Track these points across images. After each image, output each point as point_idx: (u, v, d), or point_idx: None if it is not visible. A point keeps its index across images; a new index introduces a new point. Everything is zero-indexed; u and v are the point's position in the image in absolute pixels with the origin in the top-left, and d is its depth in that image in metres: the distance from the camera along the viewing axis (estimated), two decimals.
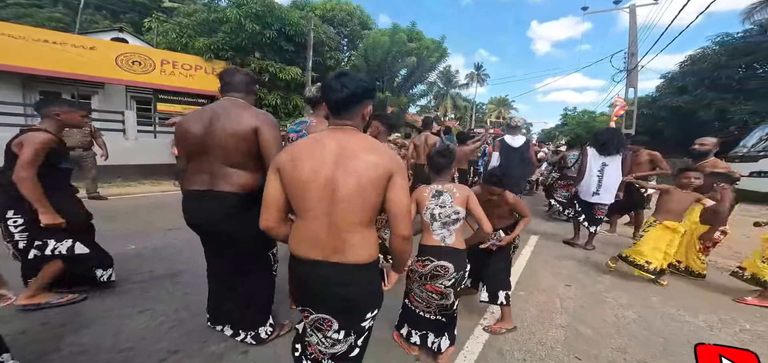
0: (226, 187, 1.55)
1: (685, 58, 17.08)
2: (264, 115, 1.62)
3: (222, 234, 1.62)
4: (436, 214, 1.65)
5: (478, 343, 2.05)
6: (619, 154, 3.79)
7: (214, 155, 1.54)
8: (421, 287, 1.73)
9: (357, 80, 1.04)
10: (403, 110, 16.48)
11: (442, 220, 1.65)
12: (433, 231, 1.66)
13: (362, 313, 1.10)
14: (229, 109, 1.57)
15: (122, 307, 2.11)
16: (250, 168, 1.59)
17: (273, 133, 1.56)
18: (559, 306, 2.62)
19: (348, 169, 0.98)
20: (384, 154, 1.03)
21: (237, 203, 1.57)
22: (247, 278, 1.74)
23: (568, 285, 3.04)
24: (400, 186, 1.02)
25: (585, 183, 3.90)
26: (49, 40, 7.39)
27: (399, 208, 1.02)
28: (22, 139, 1.82)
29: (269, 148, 1.53)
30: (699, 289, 3.04)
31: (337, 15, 14.70)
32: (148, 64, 8.70)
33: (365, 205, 1.00)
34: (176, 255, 2.95)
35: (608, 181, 3.78)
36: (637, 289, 2.99)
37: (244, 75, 1.71)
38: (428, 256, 1.64)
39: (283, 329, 1.94)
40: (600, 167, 3.81)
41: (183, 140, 1.61)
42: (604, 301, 2.75)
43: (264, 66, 10.27)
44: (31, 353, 1.60)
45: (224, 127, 1.52)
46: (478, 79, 42.20)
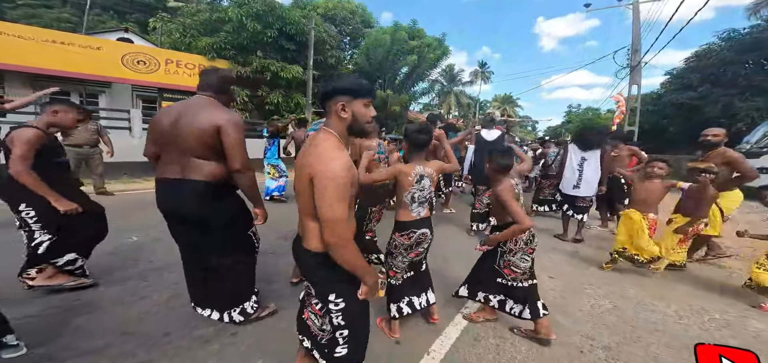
0: (196, 175, 1.66)
1: (691, 55, 16.83)
2: (228, 116, 1.68)
3: (193, 220, 1.72)
4: (415, 196, 1.87)
5: (457, 329, 2.16)
6: (597, 149, 3.96)
7: (182, 148, 1.65)
8: (404, 258, 1.94)
9: (328, 80, 1.17)
10: (405, 108, 16.56)
11: (419, 201, 1.88)
12: (411, 209, 1.89)
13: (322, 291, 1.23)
14: (196, 107, 1.67)
15: (123, 294, 2.27)
16: (218, 159, 1.69)
17: (233, 133, 1.64)
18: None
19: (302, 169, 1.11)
20: (312, 156, 1.07)
21: (206, 191, 1.67)
22: (224, 261, 1.83)
23: (552, 276, 3.14)
24: (320, 191, 1.02)
25: (566, 177, 4.09)
26: (56, 41, 7.64)
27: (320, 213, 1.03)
28: (12, 136, 1.93)
29: (229, 146, 1.64)
30: (678, 282, 3.11)
31: (339, 13, 14.81)
32: (153, 63, 8.93)
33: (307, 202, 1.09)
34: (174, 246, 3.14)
35: (588, 174, 3.96)
36: (617, 280, 3.08)
37: (218, 76, 1.80)
38: (411, 229, 1.89)
39: (266, 310, 2.07)
40: (579, 162, 4.00)
41: (154, 132, 1.74)
42: (584, 292, 2.85)
43: (265, 65, 10.43)
44: (40, 334, 1.75)
45: (189, 123, 1.62)
46: (482, 77, 41.98)
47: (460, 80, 34.89)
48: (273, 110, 11.39)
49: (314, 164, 1.04)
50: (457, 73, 34.00)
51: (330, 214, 1.00)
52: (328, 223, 1.01)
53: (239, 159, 1.67)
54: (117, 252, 2.98)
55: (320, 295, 1.24)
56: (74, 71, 8.04)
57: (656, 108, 17.91)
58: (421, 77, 16.58)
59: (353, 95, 1.11)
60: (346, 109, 1.10)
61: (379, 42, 14.00)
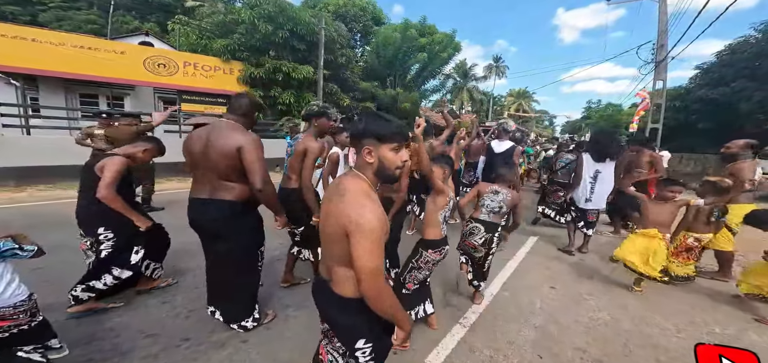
0: (223, 195, 1.84)
1: (724, 48, 15.92)
2: (248, 136, 1.83)
3: (219, 234, 1.92)
4: (446, 217, 2.16)
5: (453, 340, 2.27)
6: (613, 160, 3.82)
7: (211, 170, 1.82)
8: (428, 273, 2.18)
9: (359, 119, 1.14)
10: (416, 105, 16.52)
11: (446, 220, 2.18)
12: (441, 228, 2.15)
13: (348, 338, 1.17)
14: (220, 131, 1.82)
15: (148, 297, 2.50)
16: (243, 180, 1.85)
17: (253, 151, 1.79)
18: (538, 307, 2.79)
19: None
20: (345, 204, 1.01)
21: (232, 209, 1.86)
22: (235, 272, 2.02)
23: (553, 286, 3.19)
24: (359, 243, 0.97)
25: (578, 189, 3.93)
26: (84, 46, 8.10)
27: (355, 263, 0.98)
28: (104, 163, 2.13)
29: (249, 163, 1.79)
30: (685, 295, 3.09)
31: (350, 10, 14.88)
32: (172, 66, 9.32)
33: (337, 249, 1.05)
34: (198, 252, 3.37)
35: (601, 188, 3.81)
36: (619, 292, 3.09)
37: (248, 101, 1.97)
38: (442, 247, 2.15)
39: (267, 317, 2.26)
40: (593, 174, 3.82)
41: (187, 156, 1.93)
42: (583, 303, 2.89)
43: (278, 65, 10.67)
44: (77, 335, 1.98)
45: (216, 148, 1.79)
46: (496, 71, 41.09)
47: (474, 76, 34.32)
48: (285, 110, 11.64)
49: (349, 214, 0.98)
50: (471, 68, 33.45)
51: (369, 265, 0.96)
52: (366, 275, 0.96)
53: (259, 177, 1.82)
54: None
55: (346, 340, 1.17)
56: (101, 75, 8.52)
57: (684, 104, 17.12)
58: (432, 75, 16.45)
59: (379, 140, 1.06)
60: (372, 154, 1.06)
61: (389, 40, 14.00)
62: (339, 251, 1.03)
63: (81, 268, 2.30)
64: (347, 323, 1.14)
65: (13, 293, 1.41)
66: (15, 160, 5.90)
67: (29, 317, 1.48)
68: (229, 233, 1.91)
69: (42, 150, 6.18)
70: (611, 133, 4.35)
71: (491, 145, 4.21)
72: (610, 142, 3.86)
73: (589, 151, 3.92)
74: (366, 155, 1.07)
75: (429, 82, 16.90)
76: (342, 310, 1.12)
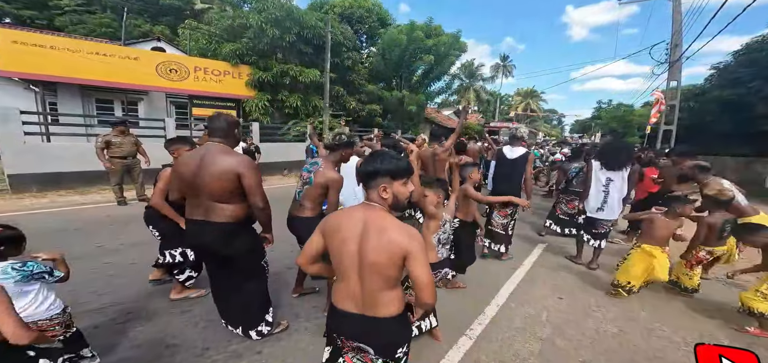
0: (218, 218, 1.89)
1: (741, 47, 15.47)
2: (244, 161, 1.87)
3: (218, 254, 2.00)
4: (441, 239, 2.22)
5: (459, 352, 2.31)
6: (624, 169, 3.61)
7: (204, 194, 1.86)
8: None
9: (370, 160, 1.25)
10: (422, 107, 16.51)
11: (443, 243, 2.25)
12: (437, 251, 2.23)
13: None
14: (213, 156, 1.83)
15: (169, 307, 2.61)
16: (237, 201, 1.90)
17: (253, 176, 1.86)
18: (545, 318, 2.81)
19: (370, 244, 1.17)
20: (395, 233, 1.14)
21: (228, 231, 1.91)
22: (243, 287, 2.11)
23: (561, 297, 3.20)
24: (419, 261, 1.14)
25: (591, 197, 3.73)
26: (100, 52, 8.33)
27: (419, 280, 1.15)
28: (160, 173, 2.51)
29: (250, 188, 1.86)
30: (697, 306, 3.08)
31: (356, 12, 14.92)
32: (183, 71, 9.52)
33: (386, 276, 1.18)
34: None
35: (613, 196, 3.63)
36: (629, 303, 3.08)
37: (223, 122, 1.94)
38: (436, 270, 2.24)
39: (279, 327, 2.35)
40: (605, 182, 3.64)
41: (177, 181, 1.98)
42: (591, 314, 2.90)
43: (285, 69, 10.80)
44: (102, 344, 2.09)
45: (210, 173, 1.81)
46: (504, 70, 40.74)
47: (480, 76, 34.07)
48: (292, 113, 11.79)
49: (401, 242, 1.13)
50: (477, 68, 33.21)
51: (428, 277, 1.14)
52: (428, 285, 1.14)
53: (260, 198, 1.90)
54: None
55: (389, 352, 1.28)
56: (117, 81, 8.75)
57: (699, 104, 16.71)
58: (438, 76, 16.38)
59: (393, 177, 1.20)
60: (387, 190, 1.20)
61: (395, 42, 13.98)
62: (387, 277, 1.17)
63: (99, 274, 2.57)
64: (392, 339, 1.28)
65: (49, 307, 1.53)
66: (36, 167, 6.12)
67: (64, 328, 1.60)
68: (229, 250, 1.97)
69: (61, 156, 6.38)
70: (622, 141, 4.16)
71: (503, 151, 3.95)
72: (621, 151, 3.71)
73: (598, 159, 3.76)
74: (382, 192, 1.21)
75: (435, 83, 16.81)
76: (387, 330, 1.24)
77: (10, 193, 5.85)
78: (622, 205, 3.82)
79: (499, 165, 3.97)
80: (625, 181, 3.68)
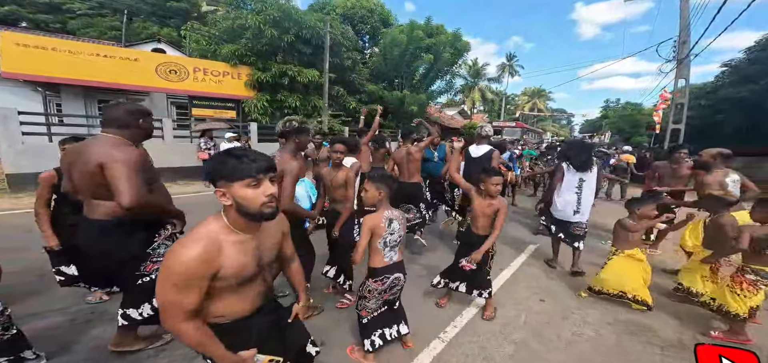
0: (94, 215, 1.68)
1: (754, 43, 14.99)
2: (112, 152, 1.58)
3: (94, 255, 1.81)
4: (387, 240, 1.94)
5: (429, 355, 2.25)
6: (593, 169, 3.52)
7: (80, 190, 1.70)
8: (378, 301, 2.05)
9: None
10: (423, 107, 16.42)
11: (390, 245, 1.97)
12: (384, 255, 1.96)
13: None
14: (87, 148, 1.63)
15: None
16: (111, 197, 1.59)
17: (118, 167, 1.55)
18: (523, 321, 2.73)
19: None
20: None
21: (104, 229, 1.67)
22: (126, 290, 1.92)
23: (542, 300, 3.11)
24: None
25: (564, 200, 3.57)
26: (100, 54, 8.51)
27: None
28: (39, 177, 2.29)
29: (112, 179, 1.55)
30: (689, 308, 2.94)
31: (358, 12, 14.93)
32: (183, 72, 9.65)
33: None
34: None
35: (586, 197, 3.52)
36: (611, 307, 2.98)
37: (119, 110, 1.69)
38: (384, 275, 1.98)
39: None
40: (578, 184, 3.51)
41: (66, 174, 1.79)
42: (569, 317, 2.81)
43: (284, 69, 10.86)
44: (61, 343, 2.06)
45: (78, 166, 1.63)
46: (509, 70, 40.31)
47: (485, 75, 33.79)
48: (291, 114, 11.82)
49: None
50: (483, 68, 32.94)
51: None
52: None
53: (126, 194, 1.54)
54: None
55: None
56: (118, 82, 8.93)
57: (710, 102, 16.25)
58: (439, 75, 16.26)
59: (229, 180, 1.02)
60: (226, 195, 1.04)
61: (396, 41, 13.95)
62: None
63: None
64: None
65: None
66: (36, 167, 6.23)
67: (1, 331, 1.56)
68: (110, 251, 1.74)
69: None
70: (582, 143, 3.99)
71: (469, 150, 3.95)
72: (585, 151, 3.59)
73: (568, 160, 3.57)
74: (220, 197, 1.03)
75: (436, 82, 16.69)
76: None
77: (9, 193, 5.99)
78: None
79: (467, 163, 3.96)
80: (594, 181, 3.58)
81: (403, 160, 3.82)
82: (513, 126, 19.57)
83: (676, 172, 4.18)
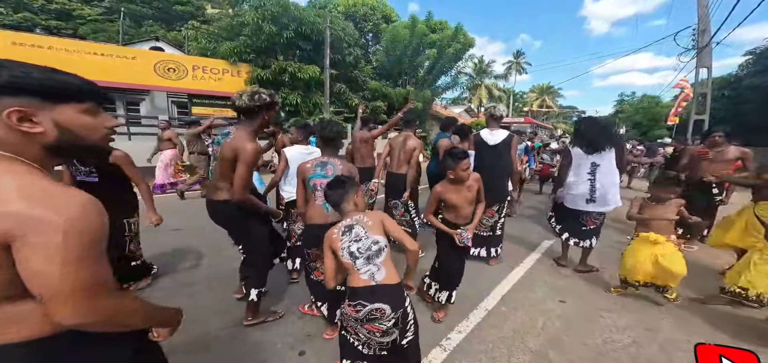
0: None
1: None
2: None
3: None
4: (353, 250, 1.43)
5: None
6: (610, 149, 2.94)
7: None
8: (359, 327, 1.44)
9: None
10: (428, 103, 16.01)
11: (364, 255, 1.42)
12: (358, 270, 1.42)
13: None
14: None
15: None
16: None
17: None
18: (540, 326, 2.32)
19: None
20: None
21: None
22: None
23: (563, 300, 2.68)
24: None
25: (575, 189, 3.05)
26: (97, 53, 8.41)
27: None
28: None
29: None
30: (734, 312, 2.48)
31: (359, 10, 14.68)
32: (182, 70, 9.51)
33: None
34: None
35: (604, 182, 2.94)
36: (647, 308, 2.54)
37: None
38: (360, 300, 1.38)
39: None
40: (590, 168, 2.97)
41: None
42: (598, 321, 2.38)
43: (284, 66, 10.62)
44: None
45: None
46: (517, 67, 39.50)
47: (492, 72, 33.17)
48: (293, 111, 11.60)
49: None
50: (489, 64, 32.36)
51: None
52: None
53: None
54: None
55: None
56: (117, 81, 8.81)
57: (736, 92, 15.41)
58: (443, 71, 15.86)
59: (44, 97, 0.67)
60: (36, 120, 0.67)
61: (398, 38, 13.64)
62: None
63: None
64: None
65: None
66: None
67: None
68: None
69: None
70: (597, 120, 3.20)
71: (481, 136, 3.22)
72: (600, 129, 2.98)
73: (577, 144, 3.05)
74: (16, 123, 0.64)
75: (440, 78, 16.29)
76: None
77: None
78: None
79: (478, 155, 3.24)
80: (614, 164, 2.97)
81: (397, 149, 3.41)
82: (521, 122, 18.89)
83: (719, 157, 3.74)
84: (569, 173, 3.09)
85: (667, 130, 18.13)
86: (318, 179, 2.02)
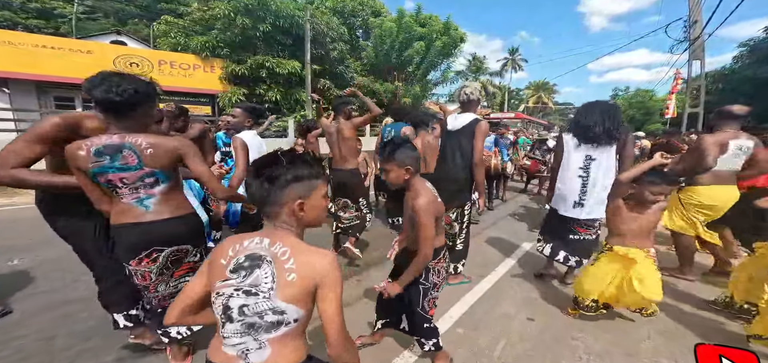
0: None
1: None
2: None
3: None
4: (233, 306, 0.80)
5: None
6: (612, 142, 2.32)
7: None
8: None
9: None
10: (418, 99, 15.54)
11: (245, 321, 0.79)
12: (224, 338, 0.81)
13: None
14: None
15: None
16: None
17: None
18: (500, 349, 1.89)
19: None
20: None
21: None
22: None
23: (531, 318, 2.23)
24: None
25: (563, 188, 2.51)
26: (47, 46, 7.81)
27: None
28: None
29: None
30: (722, 330, 2.08)
31: (348, 5, 14.19)
32: (146, 65, 8.95)
33: None
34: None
35: (596, 184, 2.37)
36: (627, 328, 2.11)
37: None
38: None
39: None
40: (583, 163, 2.39)
41: None
42: (568, 344, 1.95)
43: (261, 61, 10.09)
44: None
45: None
46: (513, 64, 39.16)
47: (487, 69, 32.81)
48: (273, 108, 11.09)
49: None
50: (483, 60, 32.00)
51: None
52: None
53: None
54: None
55: None
56: (72, 76, 8.18)
57: (730, 85, 15.19)
58: (433, 66, 15.43)
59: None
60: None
61: (387, 31, 13.23)
62: None
63: None
64: None
65: None
66: None
67: None
68: None
69: None
70: (600, 105, 2.40)
71: (446, 122, 2.65)
72: (600, 115, 2.32)
73: (572, 131, 2.47)
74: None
75: (430, 73, 15.86)
76: None
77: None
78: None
79: (442, 143, 2.68)
80: (614, 161, 2.35)
81: (333, 140, 2.88)
82: (512, 117, 18.49)
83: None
84: (561, 167, 2.51)
85: (662, 125, 17.92)
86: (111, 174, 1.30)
